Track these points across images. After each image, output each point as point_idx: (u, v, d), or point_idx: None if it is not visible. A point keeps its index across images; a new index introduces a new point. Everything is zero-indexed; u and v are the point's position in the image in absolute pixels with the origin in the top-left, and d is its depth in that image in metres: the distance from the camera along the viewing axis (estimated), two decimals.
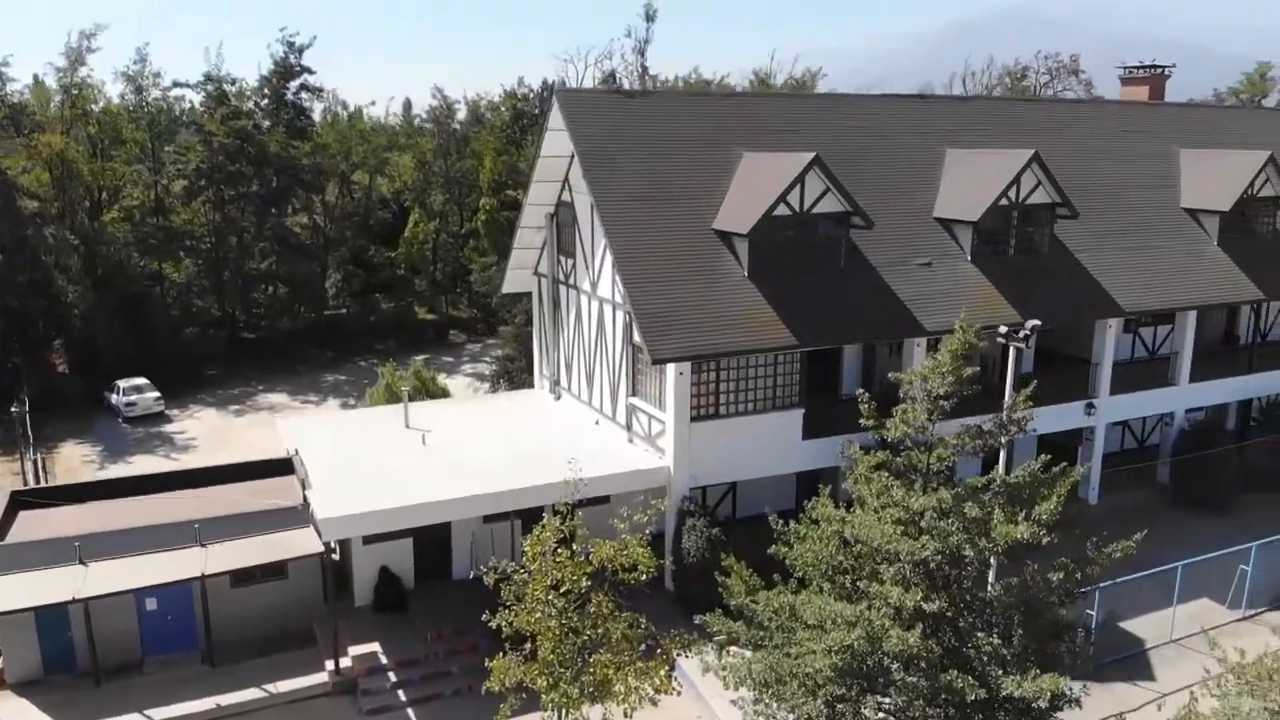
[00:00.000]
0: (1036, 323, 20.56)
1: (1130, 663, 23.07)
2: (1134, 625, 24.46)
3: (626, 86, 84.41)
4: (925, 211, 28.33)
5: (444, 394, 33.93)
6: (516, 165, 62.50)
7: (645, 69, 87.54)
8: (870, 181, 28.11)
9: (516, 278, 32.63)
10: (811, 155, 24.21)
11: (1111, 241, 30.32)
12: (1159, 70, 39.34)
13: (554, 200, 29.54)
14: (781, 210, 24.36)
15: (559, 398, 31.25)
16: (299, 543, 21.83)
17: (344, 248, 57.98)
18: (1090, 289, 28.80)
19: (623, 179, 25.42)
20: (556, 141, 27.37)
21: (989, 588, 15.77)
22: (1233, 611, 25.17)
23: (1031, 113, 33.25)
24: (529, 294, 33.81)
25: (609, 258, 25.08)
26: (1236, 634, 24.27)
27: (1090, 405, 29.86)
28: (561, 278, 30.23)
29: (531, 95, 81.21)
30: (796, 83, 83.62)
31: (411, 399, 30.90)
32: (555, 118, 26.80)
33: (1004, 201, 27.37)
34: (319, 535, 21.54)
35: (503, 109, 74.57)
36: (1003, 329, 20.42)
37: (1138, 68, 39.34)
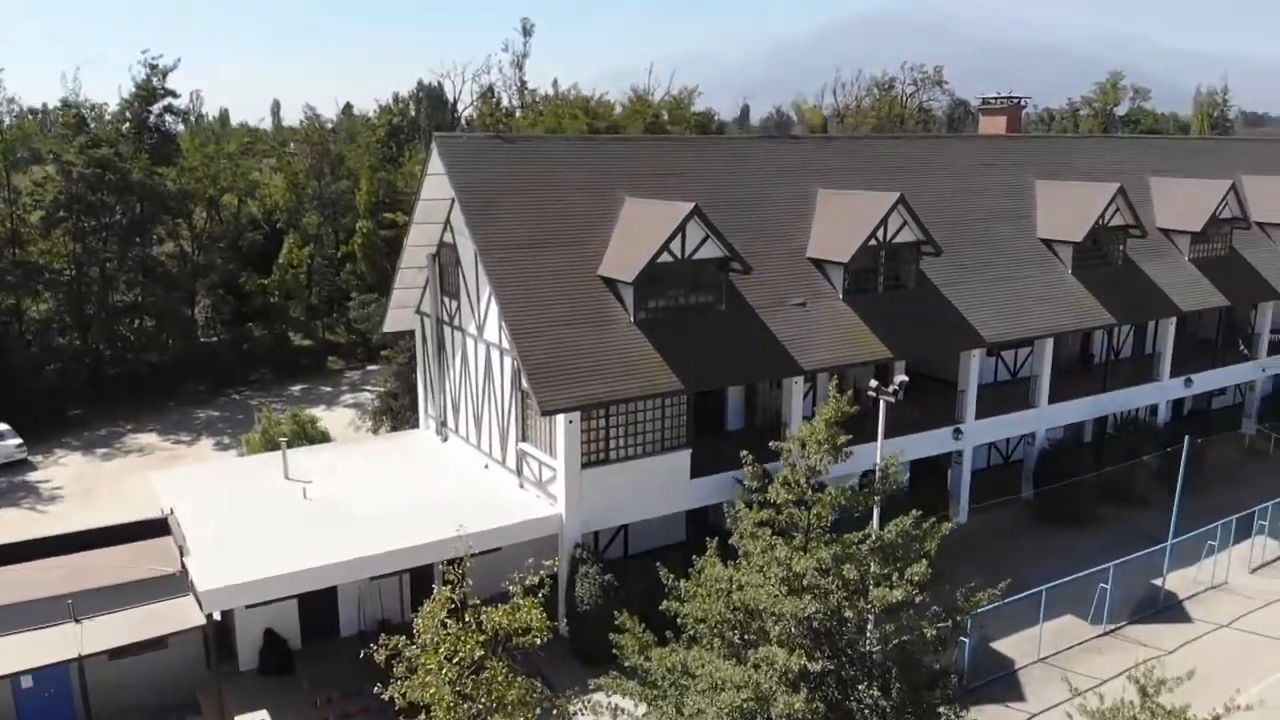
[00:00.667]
0: (904, 379, 21.54)
1: (1002, 684, 24.37)
2: (1005, 645, 25.84)
3: (505, 101, 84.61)
4: (799, 251, 29.27)
5: (324, 437, 33.24)
6: (394, 184, 61.61)
7: (524, 83, 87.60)
8: (747, 223, 28.94)
9: (398, 316, 32.24)
10: (691, 206, 24.77)
11: (974, 274, 31.90)
12: (1015, 101, 41.60)
13: (435, 241, 29.34)
14: (664, 257, 24.85)
15: (446, 439, 31.04)
16: (180, 614, 21.15)
17: (214, 274, 56.01)
18: (955, 321, 30.24)
19: (506, 225, 25.48)
20: (436, 185, 27.22)
21: (867, 642, 16.49)
22: (1095, 626, 26.83)
23: (897, 150, 34.72)
24: (412, 331, 33.47)
25: (495, 304, 25.10)
26: (1099, 649, 26.09)
27: (958, 430, 31.36)
28: (446, 319, 30.04)
29: (410, 106, 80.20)
30: (674, 99, 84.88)
31: (290, 444, 30.24)
32: (435, 163, 26.66)
33: (872, 242, 28.53)
34: (200, 606, 20.92)
35: (377, 126, 73.50)
36: (873, 383, 21.29)
37: (995, 99, 41.49)
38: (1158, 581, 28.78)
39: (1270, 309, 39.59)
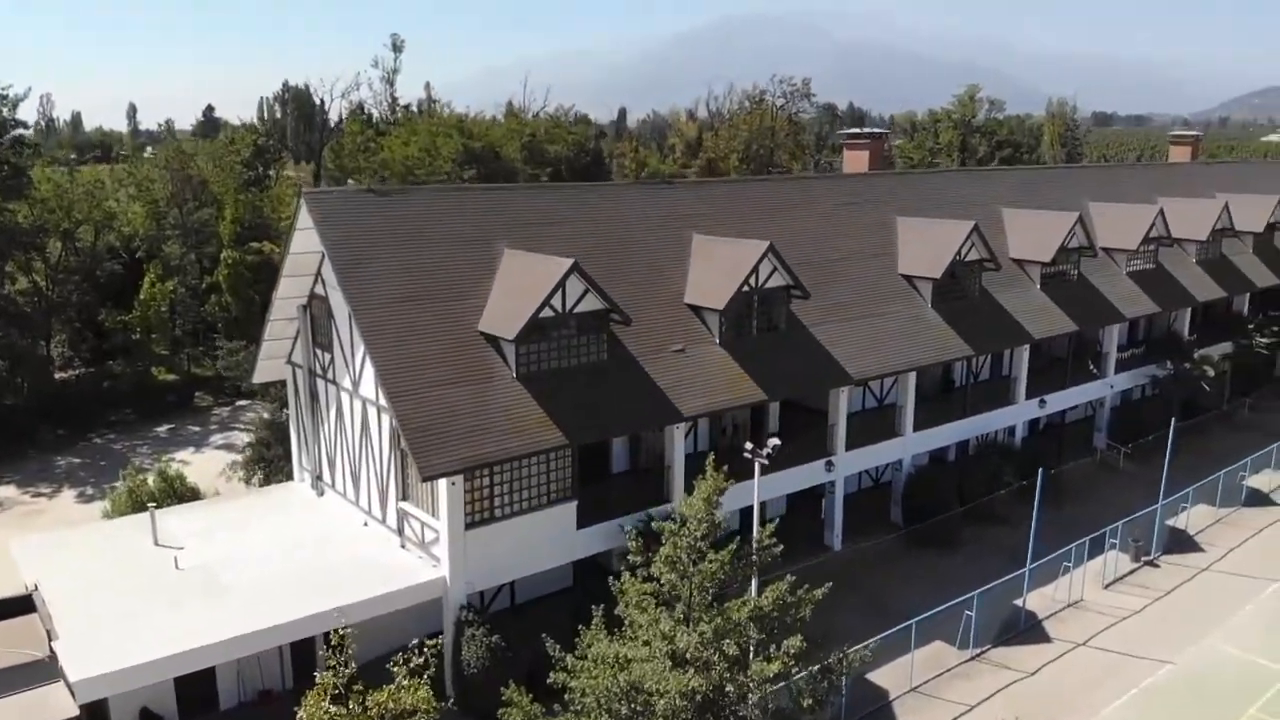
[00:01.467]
0: (776, 442, 22.25)
1: (877, 718, 25.46)
2: (879, 675, 26.89)
3: (376, 116, 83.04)
4: (677, 297, 29.89)
5: (194, 494, 32.14)
6: (260, 209, 59.84)
7: (395, 100, 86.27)
8: (626, 270, 29.42)
9: (269, 367, 31.46)
10: (570, 262, 25.01)
11: (841, 313, 33.14)
12: (878, 136, 43.35)
13: (307, 292, 28.79)
14: (546, 312, 25.02)
15: (322, 493, 30.46)
16: (52, 705, 20.25)
17: (70, 309, 53.31)
18: (824, 360, 31.38)
19: (380, 283, 25.21)
20: (306, 239, 26.71)
21: (748, 709, 17.08)
22: (963, 652, 28.25)
23: (766, 192, 35.75)
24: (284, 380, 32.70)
25: (370, 363, 24.79)
26: (968, 675, 27.50)
27: (829, 463, 32.56)
28: (319, 371, 29.49)
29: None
30: (551, 118, 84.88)
31: (159, 504, 29.23)
32: (304, 217, 26.17)
33: (745, 288, 29.35)
34: (74, 696, 20.07)
35: (241, 145, 71.18)
36: (749, 445, 21.96)
37: (858, 134, 43.15)
38: (1019, 602, 30.50)
39: (1116, 330, 42.35)
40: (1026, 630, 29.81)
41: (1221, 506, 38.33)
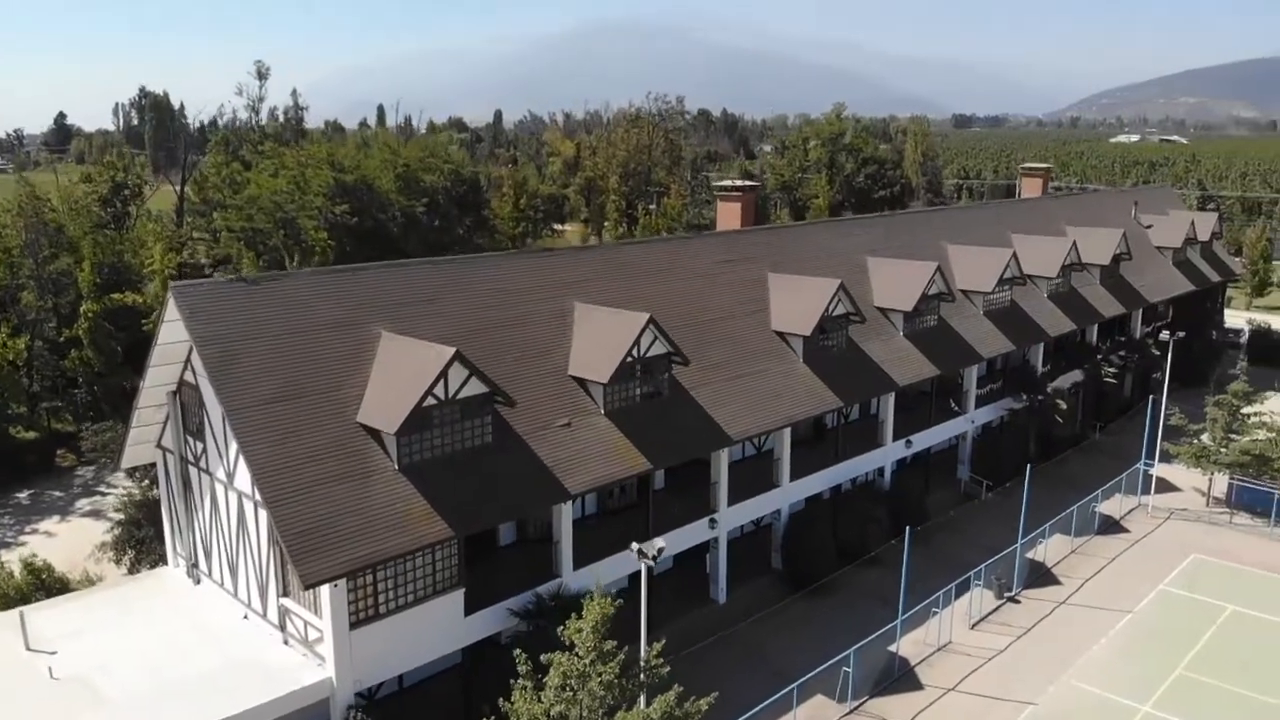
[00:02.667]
0: (663, 545, 22.82)
1: None
2: None
3: (243, 149, 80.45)
4: (561, 370, 30.23)
5: (63, 585, 30.73)
6: (121, 254, 57.37)
7: (262, 129, 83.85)
8: (509, 345, 29.61)
9: (138, 451, 30.33)
10: (451, 351, 25.04)
11: (719, 373, 34.07)
12: (750, 188, 44.58)
13: (175, 379, 27.96)
14: (427, 401, 24.96)
15: (198, 581, 29.59)
16: None
17: None
18: (705, 423, 32.24)
19: (255, 380, 24.73)
20: (174, 330, 25.99)
21: None
22: (843, 705, 29.46)
23: (643, 255, 36.40)
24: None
25: (245, 462, 24.28)
26: None
27: (713, 520, 33.47)
28: (191, 459, 28.67)
29: (133, 165, 74.74)
30: (425, 145, 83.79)
31: (26, 597, 27.96)
32: (172, 309, 25.46)
33: (628, 359, 29.91)
34: None
35: (98, 183, 68.06)
36: (635, 546, 22.45)
37: (731, 188, 44.31)
38: (893, 648, 31.99)
39: (975, 369, 44.65)
40: (900, 677, 31.28)
41: (1077, 536, 40.92)
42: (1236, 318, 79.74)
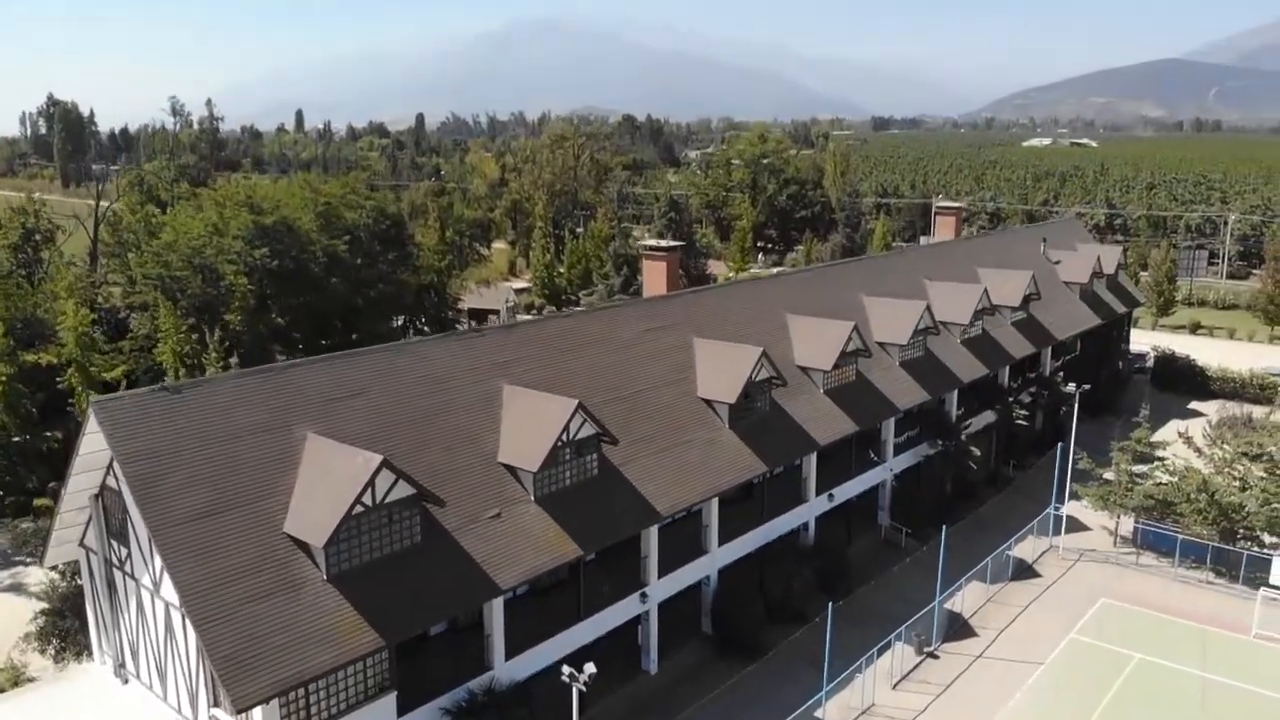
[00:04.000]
0: (592, 670, 23.31)
1: None
2: None
3: (162, 195, 78.92)
4: (491, 456, 30.53)
5: None
6: (35, 306, 55.93)
7: (181, 168, 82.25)
8: (437, 435, 29.83)
9: (61, 551, 29.79)
10: (378, 460, 25.15)
11: (647, 446, 34.69)
12: (673, 249, 45.35)
13: (98, 485, 27.60)
14: (355, 508, 25.07)
15: (126, 681, 29.22)
16: None
17: None
18: (635, 500, 32.83)
19: (180, 495, 24.57)
20: (96, 441, 25.68)
21: None
22: None
23: (572, 327, 36.86)
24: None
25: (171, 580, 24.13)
26: None
27: (644, 594, 34.10)
28: (116, 562, 28.32)
29: (44, 209, 72.56)
30: (344, 182, 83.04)
31: None
32: (93, 423, 25.17)
33: (558, 444, 30.34)
34: None
35: (8, 230, 66.15)
36: (566, 669, 22.90)
37: (657, 248, 45.00)
38: (820, 714, 33.00)
39: (893, 420, 46.06)
40: None
41: (993, 583, 42.53)
42: (1143, 338, 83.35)
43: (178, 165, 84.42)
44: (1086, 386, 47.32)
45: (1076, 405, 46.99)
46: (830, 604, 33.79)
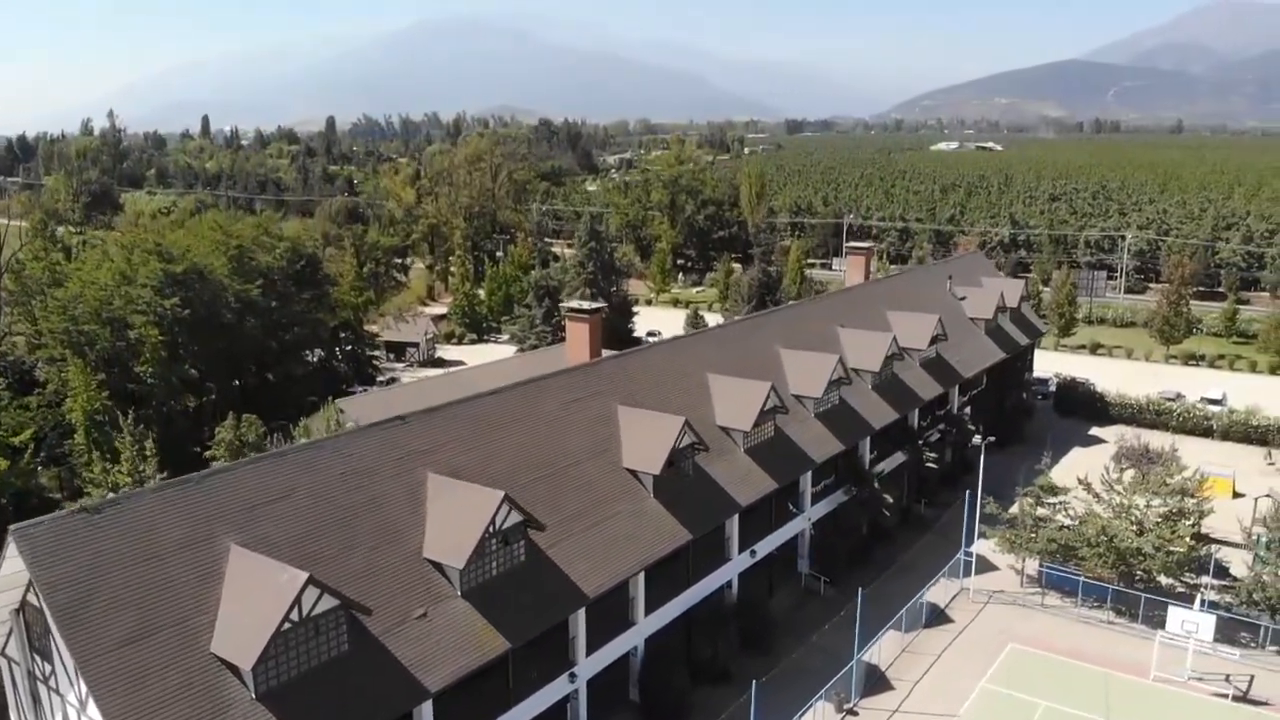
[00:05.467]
0: None
1: None
2: None
3: (67, 239, 76.46)
4: (417, 552, 30.74)
5: None
6: None
7: (85, 215, 79.89)
8: (363, 533, 29.94)
9: None
10: (304, 577, 25.22)
11: (572, 525, 35.22)
12: (596, 310, 46.06)
13: (18, 600, 27.10)
14: (282, 625, 25.13)
15: None
16: None
17: None
18: (562, 584, 33.37)
19: (105, 622, 24.31)
20: (16, 564, 25.27)
21: None
22: None
23: (496, 405, 37.12)
24: None
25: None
26: None
27: (572, 674, 34.68)
28: (40, 677, 27.82)
29: None
30: (258, 222, 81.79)
31: None
32: (12, 549, 24.78)
33: (485, 536, 30.72)
34: None
35: None
36: None
37: (579, 310, 45.68)
38: None
39: (810, 473, 47.46)
40: None
41: (908, 632, 44.20)
42: (1046, 359, 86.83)
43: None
44: (992, 438, 49.43)
45: (983, 455, 48.98)
46: (754, 682, 34.72)
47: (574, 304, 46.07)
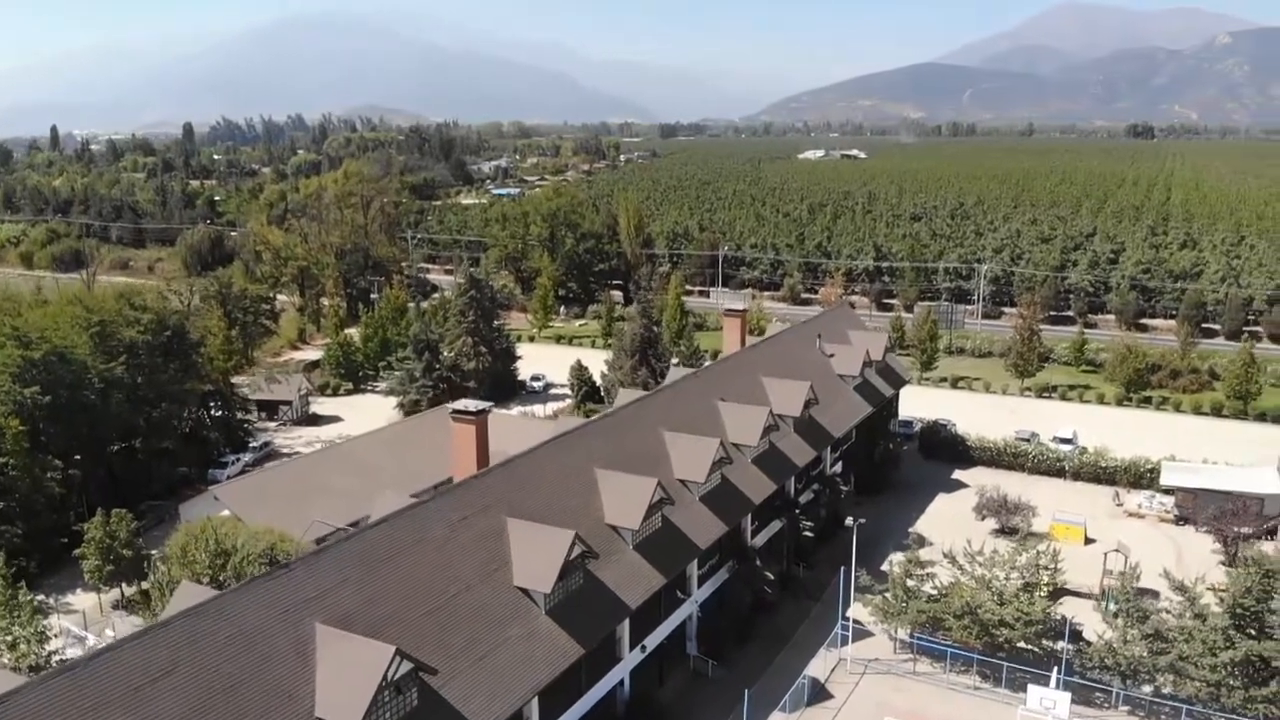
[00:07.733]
0: None
1: None
2: None
3: None
4: (309, 712, 30.43)
5: None
6: None
7: None
8: (253, 699, 29.43)
9: None
10: None
11: (464, 658, 35.25)
12: (481, 412, 46.28)
13: None
14: None
15: None
16: None
17: None
18: None
19: None
20: None
21: None
22: None
23: (379, 538, 36.63)
24: None
25: None
26: None
27: None
28: None
29: None
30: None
31: None
32: None
33: (379, 691, 30.70)
34: None
35: None
36: None
37: (464, 412, 45.76)
38: None
39: (695, 560, 48.83)
40: None
41: (791, 712, 46.03)
42: (909, 394, 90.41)
43: None
44: (862, 520, 51.82)
45: (855, 533, 51.32)
46: None
47: (459, 405, 46.12)
